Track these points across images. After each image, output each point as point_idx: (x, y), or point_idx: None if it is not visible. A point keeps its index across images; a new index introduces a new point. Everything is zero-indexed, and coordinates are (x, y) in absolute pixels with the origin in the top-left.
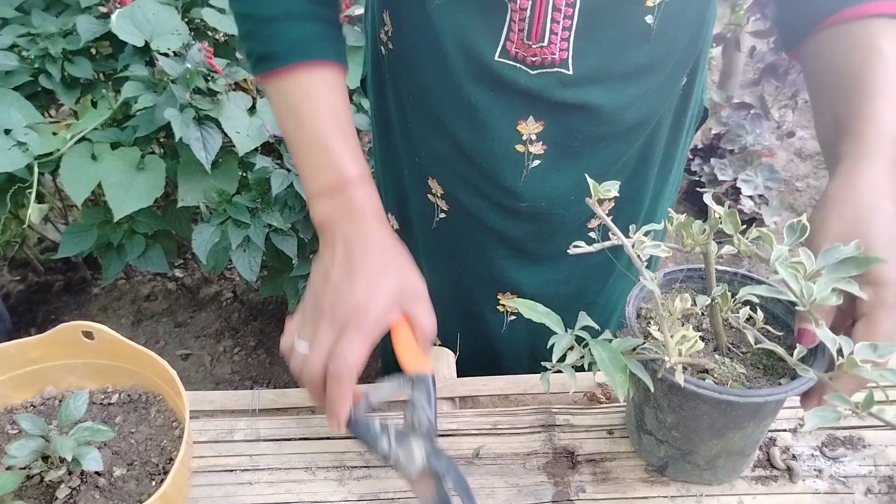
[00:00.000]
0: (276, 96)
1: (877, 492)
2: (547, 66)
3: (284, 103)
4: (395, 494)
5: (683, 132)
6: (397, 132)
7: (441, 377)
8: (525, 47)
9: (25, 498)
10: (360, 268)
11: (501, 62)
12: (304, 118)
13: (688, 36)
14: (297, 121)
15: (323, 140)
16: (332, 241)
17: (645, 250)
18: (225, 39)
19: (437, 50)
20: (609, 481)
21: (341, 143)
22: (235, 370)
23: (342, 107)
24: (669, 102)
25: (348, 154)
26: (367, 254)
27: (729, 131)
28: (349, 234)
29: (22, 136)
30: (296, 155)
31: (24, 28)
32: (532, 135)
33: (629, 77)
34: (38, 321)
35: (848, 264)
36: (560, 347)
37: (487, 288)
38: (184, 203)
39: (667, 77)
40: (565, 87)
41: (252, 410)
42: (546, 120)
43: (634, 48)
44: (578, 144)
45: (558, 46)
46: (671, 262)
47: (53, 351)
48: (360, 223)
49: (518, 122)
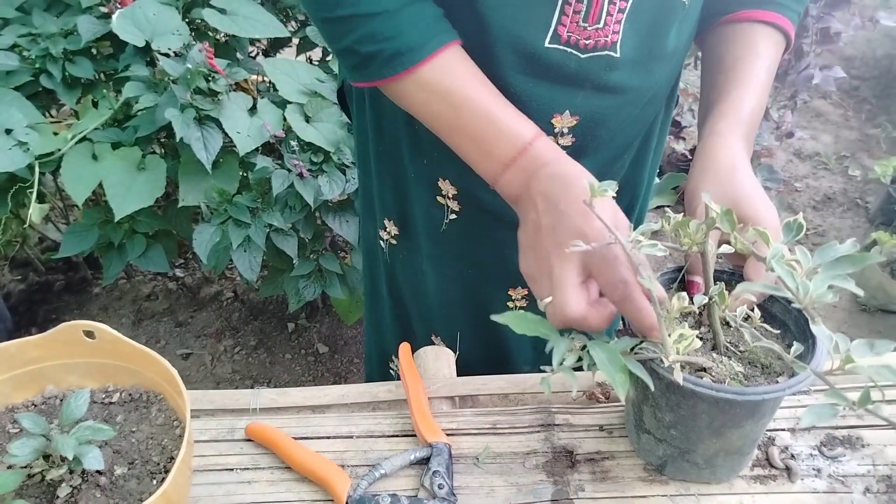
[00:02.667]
0: (420, 91)
1: (875, 491)
2: (598, 49)
3: (432, 93)
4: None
5: (670, 117)
6: (400, 136)
7: (441, 377)
8: (580, 30)
9: (27, 497)
10: (566, 202)
11: (552, 48)
12: (459, 100)
13: (698, 14)
14: (452, 105)
15: (488, 114)
16: (530, 202)
17: (642, 250)
18: (225, 40)
19: (480, 39)
20: (608, 480)
21: (507, 110)
22: (236, 369)
23: (484, 77)
24: (673, 81)
25: (518, 118)
26: (570, 186)
27: None
28: (543, 185)
29: (23, 136)
30: (461, 139)
31: (25, 28)
32: (564, 128)
33: (664, 58)
34: (39, 321)
35: (844, 262)
36: (558, 353)
37: (499, 284)
38: (184, 203)
39: (682, 60)
40: (611, 69)
41: (252, 410)
42: (581, 114)
43: (671, 29)
44: (605, 133)
45: (611, 29)
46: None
47: (54, 350)
48: (551, 170)
49: (553, 115)
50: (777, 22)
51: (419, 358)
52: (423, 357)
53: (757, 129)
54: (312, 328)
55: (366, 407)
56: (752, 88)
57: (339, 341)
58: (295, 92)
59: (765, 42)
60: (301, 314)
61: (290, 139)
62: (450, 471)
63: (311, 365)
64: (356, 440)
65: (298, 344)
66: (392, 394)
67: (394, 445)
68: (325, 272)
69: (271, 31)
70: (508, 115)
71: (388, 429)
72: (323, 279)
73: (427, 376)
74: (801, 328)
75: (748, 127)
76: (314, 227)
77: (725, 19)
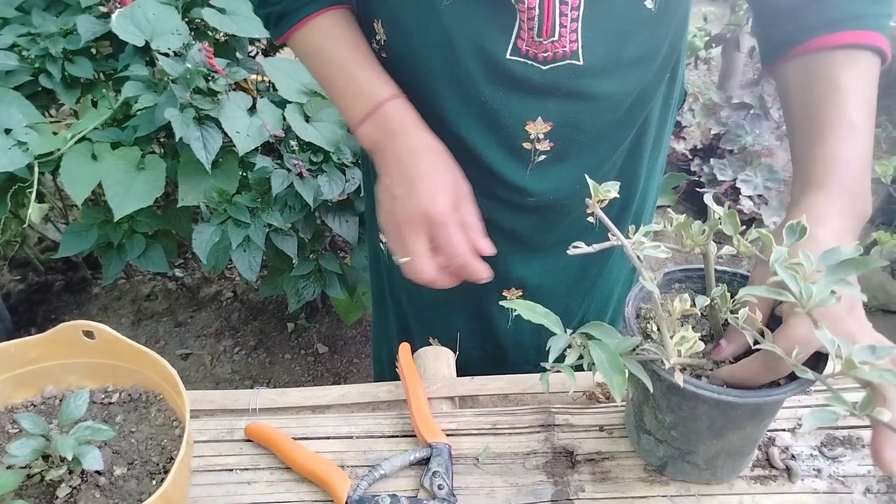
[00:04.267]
0: (302, 48)
1: (875, 491)
2: (559, 59)
3: (309, 50)
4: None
5: (670, 114)
6: None
7: (441, 377)
8: (536, 44)
9: (26, 497)
10: (416, 176)
11: (513, 60)
12: (327, 57)
13: (680, 16)
14: (322, 62)
15: (348, 71)
16: (385, 161)
17: (644, 251)
18: (225, 39)
19: (447, 52)
20: (608, 481)
21: (365, 69)
22: (235, 370)
23: (359, 38)
24: (660, 86)
25: (374, 78)
26: (420, 161)
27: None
28: (397, 149)
29: (22, 136)
30: (331, 95)
31: (25, 28)
32: (540, 134)
33: (635, 63)
34: (39, 321)
35: (847, 266)
36: (557, 348)
37: (493, 287)
38: (184, 203)
39: (662, 59)
40: (577, 77)
41: (252, 410)
42: (554, 121)
43: (637, 34)
44: (583, 137)
45: (568, 38)
46: (671, 262)
47: (54, 350)
48: (402, 136)
49: (526, 122)
50: (858, 41)
51: (419, 358)
52: (422, 357)
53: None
54: (312, 328)
55: (365, 407)
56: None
57: (339, 341)
58: (294, 91)
59: (845, 72)
60: (301, 314)
61: (289, 139)
62: (450, 471)
63: (311, 365)
64: (356, 440)
65: (298, 344)
66: (392, 394)
67: (394, 446)
68: (325, 272)
69: None
70: (365, 75)
71: (387, 429)
72: (322, 279)
73: (427, 376)
74: None
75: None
76: (314, 226)
77: (795, 51)
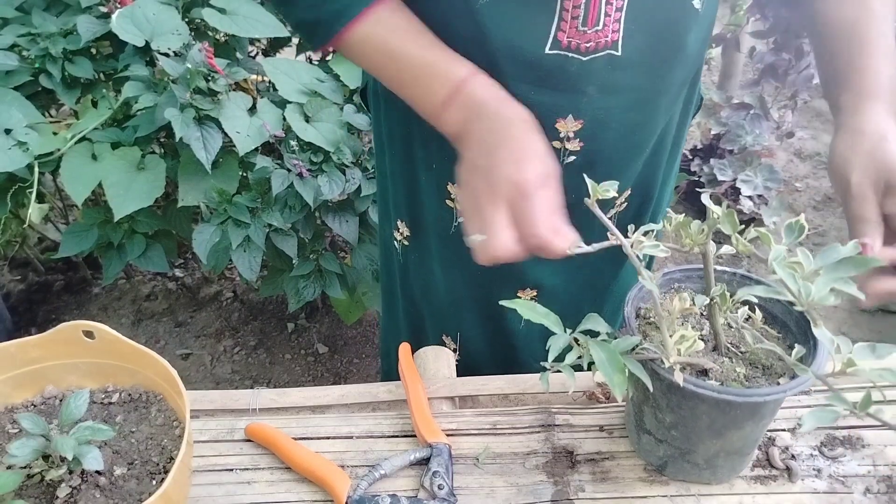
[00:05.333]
0: (361, 45)
1: (875, 491)
2: (600, 49)
3: (371, 46)
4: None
5: (688, 119)
6: (411, 140)
7: (441, 377)
8: (579, 34)
9: (26, 497)
10: (502, 146)
11: (553, 54)
12: (395, 50)
13: (713, 18)
14: (390, 56)
15: (423, 59)
16: (469, 140)
17: (644, 250)
18: (225, 39)
19: (479, 49)
20: (608, 480)
21: (440, 52)
22: (236, 370)
23: (420, 24)
24: (684, 91)
25: (451, 59)
26: (510, 127)
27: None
28: (482, 125)
29: (22, 136)
30: (402, 87)
31: (25, 28)
32: (570, 132)
33: (669, 60)
34: (39, 321)
35: (846, 264)
36: (556, 348)
37: (508, 287)
38: (184, 203)
39: (694, 64)
40: (613, 69)
41: (252, 410)
42: (585, 118)
43: (678, 31)
44: (612, 136)
45: (611, 28)
46: (670, 261)
47: (54, 350)
48: (489, 110)
49: (557, 120)
50: None
51: (419, 358)
52: (423, 357)
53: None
54: (312, 328)
55: (366, 407)
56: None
57: (339, 341)
58: (295, 92)
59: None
60: (301, 314)
61: (289, 139)
62: (450, 471)
63: (311, 365)
64: (356, 440)
65: (298, 344)
66: (392, 394)
67: (394, 446)
68: (325, 272)
69: (271, 30)
70: (442, 57)
71: (387, 429)
72: (323, 279)
73: (427, 376)
74: (802, 329)
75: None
76: (314, 227)
77: None
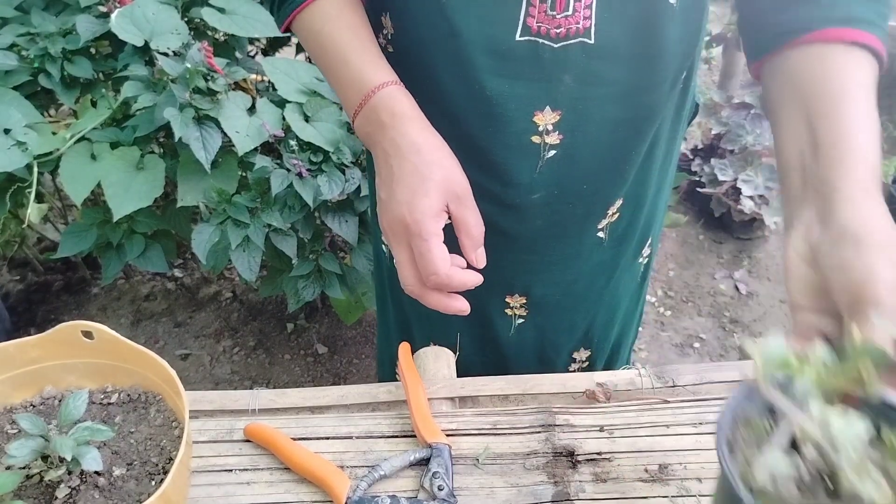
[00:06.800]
0: (304, 32)
1: None
2: (571, 36)
3: (310, 34)
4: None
5: (681, 126)
6: None
7: (441, 377)
8: (549, 19)
9: (25, 497)
10: (397, 180)
11: (523, 41)
12: (326, 42)
13: (697, 23)
14: (321, 46)
15: (344, 56)
16: (376, 157)
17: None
18: (225, 39)
19: (452, 45)
20: (609, 481)
21: (360, 53)
22: (235, 370)
23: (362, 21)
24: (673, 95)
25: (368, 63)
26: (403, 162)
27: (729, 131)
28: (384, 145)
29: (21, 136)
30: (330, 81)
31: (24, 27)
32: (548, 125)
33: (647, 56)
34: (38, 321)
35: None
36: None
37: (495, 292)
38: (183, 203)
39: (678, 65)
40: (589, 58)
41: (251, 410)
42: (563, 109)
43: (654, 26)
44: (594, 129)
45: (581, 15)
46: (671, 261)
47: (53, 350)
48: (391, 130)
49: (534, 112)
50: (869, 43)
51: (419, 358)
52: (423, 357)
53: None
54: (312, 329)
55: (365, 407)
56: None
57: (339, 342)
58: (294, 91)
59: (861, 71)
60: (300, 314)
61: (289, 139)
62: (450, 472)
63: (311, 365)
64: (355, 441)
65: (297, 344)
66: (392, 394)
67: (393, 446)
68: (325, 272)
69: (270, 30)
70: (358, 60)
71: (387, 429)
72: (322, 279)
73: (427, 377)
74: None
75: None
76: (313, 227)
77: (804, 39)
